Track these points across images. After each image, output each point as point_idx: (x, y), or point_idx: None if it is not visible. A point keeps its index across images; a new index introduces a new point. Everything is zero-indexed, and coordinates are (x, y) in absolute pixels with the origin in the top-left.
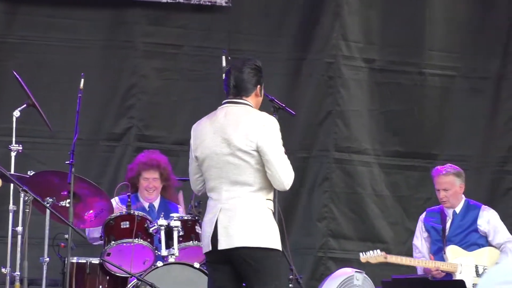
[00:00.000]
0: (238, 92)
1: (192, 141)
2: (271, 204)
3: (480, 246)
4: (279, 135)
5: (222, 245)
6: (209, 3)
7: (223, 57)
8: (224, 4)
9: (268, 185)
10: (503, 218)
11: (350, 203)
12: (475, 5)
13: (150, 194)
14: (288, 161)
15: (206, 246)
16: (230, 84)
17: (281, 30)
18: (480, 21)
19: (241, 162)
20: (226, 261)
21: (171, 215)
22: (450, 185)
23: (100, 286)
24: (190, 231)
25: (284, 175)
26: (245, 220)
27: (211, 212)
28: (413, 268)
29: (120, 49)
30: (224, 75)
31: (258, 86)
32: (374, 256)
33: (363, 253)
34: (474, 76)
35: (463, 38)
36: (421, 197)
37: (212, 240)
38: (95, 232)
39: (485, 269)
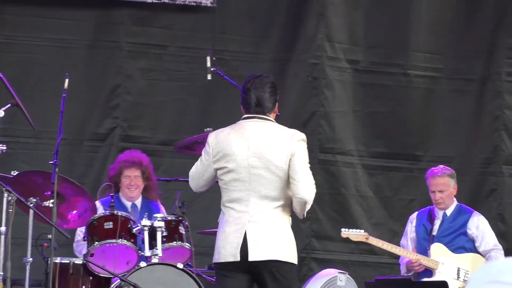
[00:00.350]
0: (261, 110)
1: (211, 149)
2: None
3: (467, 250)
4: (306, 150)
5: (253, 256)
6: (194, 4)
7: (208, 58)
8: (209, 4)
9: (291, 201)
10: (487, 219)
11: (334, 204)
12: (460, 6)
13: (132, 192)
14: (312, 177)
15: (231, 256)
16: (252, 102)
17: (266, 30)
18: (465, 22)
19: (274, 177)
20: (246, 271)
21: (155, 215)
22: (446, 186)
23: (84, 287)
24: (173, 231)
25: (308, 185)
26: (276, 234)
27: (235, 223)
28: (396, 270)
29: (105, 49)
30: (242, 92)
31: (277, 103)
32: (355, 234)
33: (345, 229)
34: (458, 77)
35: (447, 40)
36: (404, 198)
37: (241, 250)
38: (83, 249)
39: (467, 274)
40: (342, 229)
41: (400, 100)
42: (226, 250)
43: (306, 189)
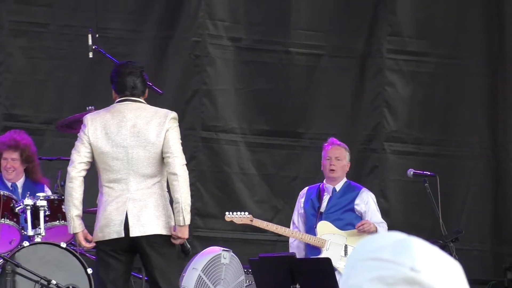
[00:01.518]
0: (136, 93)
1: (87, 131)
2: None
3: (354, 227)
4: (178, 128)
5: (134, 232)
6: None
7: (90, 36)
8: None
9: (165, 175)
10: None
11: (217, 182)
12: None
13: (9, 174)
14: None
15: (115, 233)
16: (127, 86)
17: (148, 9)
18: None
19: (150, 154)
20: (128, 249)
21: (37, 194)
22: (342, 156)
23: None
24: (56, 210)
25: (180, 160)
26: (155, 209)
27: (116, 201)
28: (279, 247)
29: None
30: (114, 77)
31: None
32: (239, 217)
33: (229, 212)
34: (340, 55)
35: (328, 17)
36: (287, 175)
37: (124, 227)
38: None
39: None
40: (226, 213)
41: (282, 77)
42: (110, 228)
43: (178, 163)
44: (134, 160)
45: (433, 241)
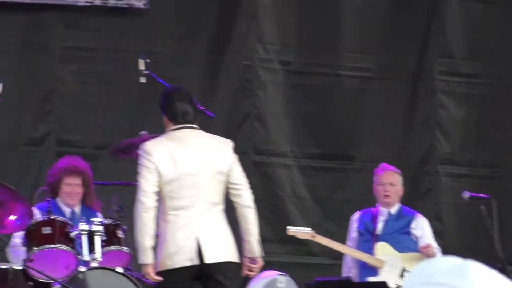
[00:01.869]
0: (189, 119)
1: (154, 159)
2: None
3: (411, 250)
4: None
5: (209, 259)
6: (126, 6)
7: (141, 61)
8: (142, 6)
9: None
10: None
11: (270, 206)
12: (390, 5)
13: (73, 200)
14: None
15: (188, 260)
16: (179, 113)
17: (198, 33)
18: (395, 21)
19: (216, 182)
20: (197, 276)
21: (92, 219)
22: (395, 181)
23: None
24: (112, 235)
25: (249, 191)
26: (224, 237)
27: (185, 229)
28: (335, 271)
29: (36, 53)
30: (165, 104)
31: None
32: (302, 232)
33: (292, 227)
34: (390, 77)
35: (378, 39)
36: (340, 198)
37: (197, 254)
38: (21, 254)
39: None
40: (288, 227)
41: (332, 100)
42: (182, 256)
43: (250, 195)
44: (202, 187)
45: (490, 264)
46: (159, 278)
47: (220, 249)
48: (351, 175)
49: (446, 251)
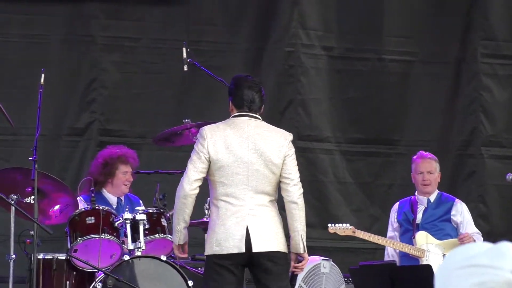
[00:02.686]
0: (254, 108)
1: (207, 144)
2: None
3: (452, 237)
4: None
5: (257, 248)
6: None
7: (184, 49)
8: None
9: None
10: (466, 202)
11: (313, 191)
12: None
13: (127, 188)
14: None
15: (235, 247)
16: (246, 100)
17: (240, 20)
18: (438, 4)
19: (270, 173)
20: (244, 264)
21: (136, 208)
22: (433, 169)
23: (68, 282)
24: (155, 224)
25: (299, 188)
26: (274, 226)
27: (236, 216)
28: (378, 255)
29: (78, 43)
30: (233, 89)
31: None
32: (342, 228)
33: (332, 224)
34: (433, 61)
35: (421, 23)
36: (383, 183)
37: (245, 242)
38: None
39: None
40: (329, 225)
41: (376, 85)
42: (229, 242)
43: (298, 192)
44: (255, 176)
45: None
46: (184, 255)
47: (269, 239)
48: (394, 159)
49: (491, 233)
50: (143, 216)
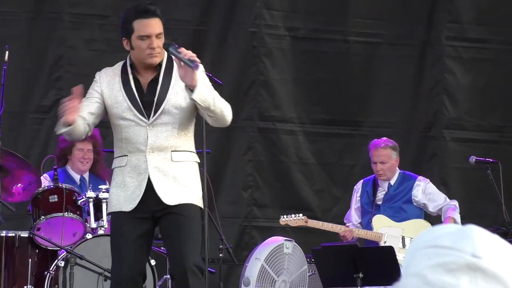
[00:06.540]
0: None
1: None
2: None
3: (414, 217)
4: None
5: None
6: None
7: None
8: None
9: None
10: None
11: (275, 172)
12: None
13: (84, 165)
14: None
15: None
16: None
17: (205, 0)
18: None
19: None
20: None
21: (100, 187)
22: (387, 158)
23: (30, 260)
24: None
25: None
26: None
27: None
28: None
29: (46, 20)
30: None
31: (123, 39)
32: (294, 219)
33: (283, 216)
34: (398, 43)
35: (387, 5)
36: (346, 164)
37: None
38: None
39: (412, 240)
40: (281, 217)
41: (341, 66)
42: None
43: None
44: None
45: (496, 228)
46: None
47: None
48: (358, 140)
49: None
50: (106, 195)
